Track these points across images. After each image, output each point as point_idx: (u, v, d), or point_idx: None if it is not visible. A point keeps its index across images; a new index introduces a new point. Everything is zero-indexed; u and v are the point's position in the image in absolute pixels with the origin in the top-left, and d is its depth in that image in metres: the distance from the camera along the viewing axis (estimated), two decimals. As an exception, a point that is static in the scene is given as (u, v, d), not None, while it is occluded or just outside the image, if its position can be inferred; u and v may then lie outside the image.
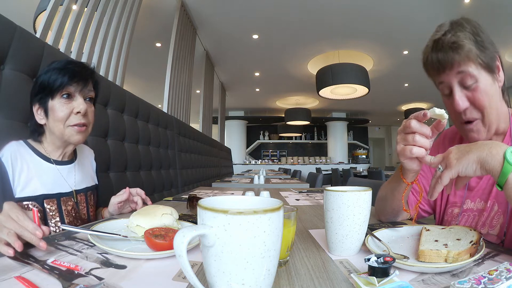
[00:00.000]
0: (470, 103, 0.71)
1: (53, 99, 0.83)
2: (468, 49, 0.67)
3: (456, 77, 0.70)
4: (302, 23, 4.93)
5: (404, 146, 0.65)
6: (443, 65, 0.70)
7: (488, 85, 0.70)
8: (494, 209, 0.73)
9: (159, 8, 4.25)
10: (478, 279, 0.36)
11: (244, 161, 11.11)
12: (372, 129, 14.04)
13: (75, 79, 0.84)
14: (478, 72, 0.69)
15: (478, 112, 0.71)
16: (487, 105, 0.70)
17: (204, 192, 1.85)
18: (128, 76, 4.72)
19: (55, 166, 0.89)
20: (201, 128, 5.56)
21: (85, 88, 0.86)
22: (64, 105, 0.84)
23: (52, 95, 0.83)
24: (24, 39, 1.03)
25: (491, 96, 0.71)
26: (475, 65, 0.68)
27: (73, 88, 0.84)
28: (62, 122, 0.84)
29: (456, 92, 0.71)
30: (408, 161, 0.67)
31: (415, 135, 0.63)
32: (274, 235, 0.32)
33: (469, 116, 0.72)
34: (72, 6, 2.23)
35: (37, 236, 0.53)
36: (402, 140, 0.65)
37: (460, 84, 0.71)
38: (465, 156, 0.55)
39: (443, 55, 0.70)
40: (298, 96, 9.67)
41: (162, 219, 0.70)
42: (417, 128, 0.63)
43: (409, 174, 0.71)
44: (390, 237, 0.64)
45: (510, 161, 0.51)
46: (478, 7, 4.23)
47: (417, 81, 7.64)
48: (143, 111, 1.98)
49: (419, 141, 0.63)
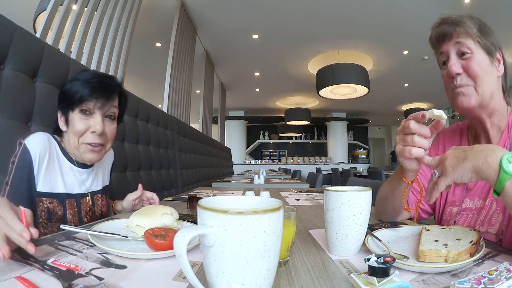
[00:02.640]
0: (464, 70, 0.74)
1: (73, 111, 0.81)
2: (469, 26, 0.74)
3: (454, 47, 0.76)
4: (302, 23, 4.93)
5: (403, 147, 0.65)
6: (443, 35, 0.77)
7: (484, 61, 0.74)
8: (493, 207, 0.73)
9: (159, 8, 4.25)
10: (478, 279, 0.36)
11: (244, 161, 11.10)
12: (372, 129, 14.04)
13: (95, 94, 0.80)
14: (475, 48, 0.74)
15: (470, 80, 0.74)
16: (480, 74, 0.73)
17: (204, 192, 1.85)
18: (128, 76, 4.72)
19: (77, 168, 0.89)
20: (201, 128, 5.56)
21: (106, 104, 0.83)
22: (82, 120, 0.81)
23: (72, 107, 0.81)
24: (24, 39, 1.03)
25: (486, 72, 0.74)
26: (473, 41, 0.74)
27: (92, 104, 0.81)
28: (77, 136, 0.82)
29: (451, 59, 0.76)
30: (407, 161, 0.67)
31: (414, 136, 0.63)
32: (274, 235, 0.32)
33: (460, 82, 0.75)
34: (72, 6, 2.23)
35: (24, 238, 0.49)
36: (401, 141, 0.66)
37: (457, 54, 0.76)
38: (460, 164, 0.55)
39: (446, 27, 0.76)
40: (298, 96, 9.67)
41: (162, 219, 0.70)
42: (416, 129, 0.63)
43: (409, 174, 0.71)
44: (390, 237, 0.64)
45: (506, 169, 0.51)
46: (478, 7, 4.23)
47: (417, 81, 7.65)
48: (143, 111, 1.98)
49: (417, 142, 0.63)
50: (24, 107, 1.04)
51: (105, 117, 0.84)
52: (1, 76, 0.96)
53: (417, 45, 5.45)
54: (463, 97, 0.75)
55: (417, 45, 5.45)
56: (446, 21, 0.77)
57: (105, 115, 0.84)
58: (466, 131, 0.89)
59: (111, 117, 0.86)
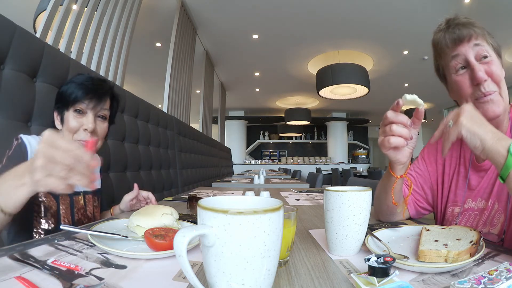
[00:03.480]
0: (488, 75, 0.70)
1: (68, 111, 0.87)
2: (481, 27, 0.70)
3: (472, 50, 0.71)
4: (302, 23, 4.93)
5: (384, 137, 0.65)
6: (460, 37, 0.71)
7: (499, 64, 0.71)
8: (495, 208, 0.73)
9: (159, 8, 4.25)
10: (478, 279, 0.36)
11: (244, 161, 11.10)
12: (372, 129, 14.03)
13: (88, 96, 0.87)
14: (491, 50, 0.71)
15: (495, 85, 0.71)
16: (502, 79, 0.71)
17: (204, 192, 1.85)
18: (128, 76, 4.72)
19: None
20: (201, 128, 5.56)
21: (98, 105, 0.89)
22: (75, 118, 0.87)
23: (67, 107, 0.87)
24: (24, 39, 1.03)
25: (503, 75, 0.72)
26: (487, 44, 0.71)
27: (84, 105, 0.87)
28: (71, 133, 0.88)
29: (474, 64, 0.71)
30: (391, 152, 0.67)
31: (391, 125, 0.63)
32: (274, 235, 0.32)
33: (488, 90, 0.70)
34: (72, 6, 2.23)
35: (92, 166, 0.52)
36: (382, 133, 0.66)
37: (476, 57, 0.71)
38: (474, 126, 0.56)
39: (460, 28, 0.71)
40: (298, 96, 9.67)
41: (162, 219, 0.70)
42: (393, 117, 0.63)
43: (397, 167, 0.70)
44: (390, 237, 0.64)
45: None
46: (478, 7, 4.23)
47: (417, 81, 7.64)
48: (143, 111, 1.98)
49: (396, 131, 0.63)
50: (24, 107, 1.04)
51: (97, 117, 0.90)
52: (1, 76, 0.96)
53: (417, 45, 5.45)
54: (492, 105, 0.70)
55: (417, 45, 5.45)
56: (457, 23, 0.72)
57: (97, 115, 0.90)
58: None
59: (102, 117, 0.92)
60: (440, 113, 10.23)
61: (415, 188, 0.90)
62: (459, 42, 0.71)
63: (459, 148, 0.86)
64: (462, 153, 0.84)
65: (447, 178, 0.87)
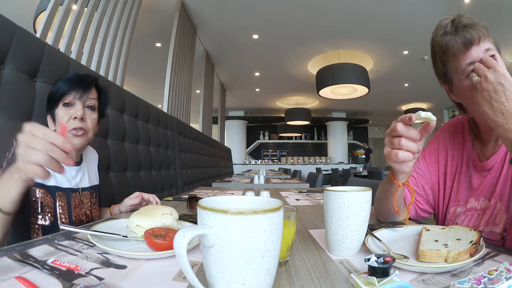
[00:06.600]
0: None
1: (58, 107, 0.89)
2: (485, 26, 0.70)
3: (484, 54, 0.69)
4: (302, 23, 4.93)
5: (391, 149, 0.63)
6: (471, 40, 0.69)
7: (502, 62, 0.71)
8: (497, 207, 0.73)
9: (159, 8, 4.25)
10: (478, 279, 0.36)
11: (244, 161, 11.10)
12: (372, 129, 14.03)
13: (74, 87, 0.89)
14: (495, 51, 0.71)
15: None
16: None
17: (204, 192, 1.85)
18: (128, 76, 4.72)
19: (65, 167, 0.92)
20: (201, 128, 5.56)
21: (84, 95, 0.91)
22: (65, 111, 0.89)
23: (56, 104, 0.89)
24: (24, 39, 1.03)
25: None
26: (492, 44, 0.71)
27: (72, 96, 0.89)
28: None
29: None
30: (396, 164, 0.66)
31: (401, 139, 0.61)
32: (274, 235, 0.32)
33: None
34: (72, 6, 2.23)
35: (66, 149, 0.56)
36: (389, 143, 0.64)
37: None
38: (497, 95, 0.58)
39: (469, 30, 0.69)
40: (298, 96, 9.67)
41: (162, 219, 0.70)
42: (403, 131, 0.61)
43: (399, 176, 0.70)
44: (390, 237, 0.64)
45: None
46: (478, 7, 4.23)
47: (417, 81, 7.64)
48: (143, 111, 1.98)
49: (405, 145, 0.61)
50: (24, 107, 1.04)
51: (86, 107, 0.92)
52: (1, 76, 0.96)
53: (417, 45, 5.45)
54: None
55: (417, 45, 5.45)
56: (464, 24, 0.69)
57: (85, 106, 0.92)
58: (467, 126, 0.87)
59: (91, 107, 0.93)
60: (440, 113, 10.24)
61: (416, 189, 0.89)
62: (470, 45, 0.70)
63: (461, 147, 0.86)
64: (465, 153, 0.84)
65: (449, 178, 0.86)
